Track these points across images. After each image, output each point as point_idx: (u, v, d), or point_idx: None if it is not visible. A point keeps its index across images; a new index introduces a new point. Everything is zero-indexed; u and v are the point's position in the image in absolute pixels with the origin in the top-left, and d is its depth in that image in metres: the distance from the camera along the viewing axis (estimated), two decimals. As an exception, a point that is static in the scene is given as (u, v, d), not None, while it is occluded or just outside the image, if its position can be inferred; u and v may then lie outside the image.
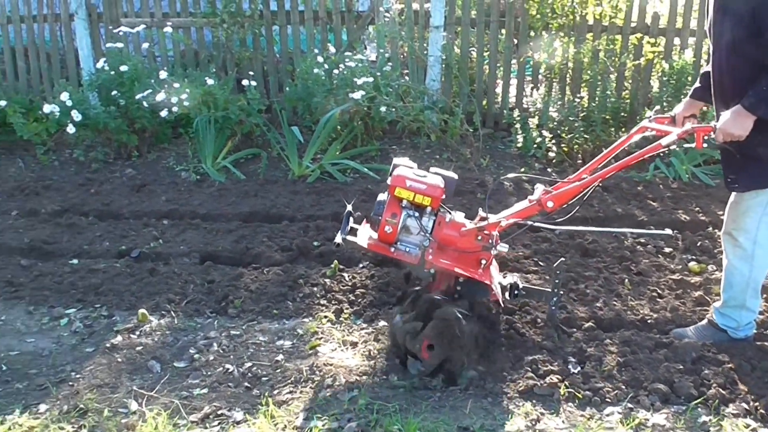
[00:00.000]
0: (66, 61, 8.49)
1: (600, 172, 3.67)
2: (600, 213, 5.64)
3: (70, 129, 6.95)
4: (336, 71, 6.95)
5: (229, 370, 3.71)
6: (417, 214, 3.70)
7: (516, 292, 3.91)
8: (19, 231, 5.69)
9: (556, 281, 3.84)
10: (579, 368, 3.63)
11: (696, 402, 3.36)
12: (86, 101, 7.16)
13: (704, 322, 3.96)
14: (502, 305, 3.91)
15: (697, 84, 3.88)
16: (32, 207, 6.19)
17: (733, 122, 3.36)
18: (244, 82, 7.23)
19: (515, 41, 7.56)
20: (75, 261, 5.10)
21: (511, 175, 4.25)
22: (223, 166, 6.93)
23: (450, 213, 3.84)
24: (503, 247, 3.75)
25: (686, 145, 3.70)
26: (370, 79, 6.62)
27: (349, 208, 3.95)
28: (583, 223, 5.45)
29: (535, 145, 6.89)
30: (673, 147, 3.52)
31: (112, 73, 7.22)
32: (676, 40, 7.25)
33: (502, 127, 7.52)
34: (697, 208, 5.74)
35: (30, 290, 4.65)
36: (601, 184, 4.12)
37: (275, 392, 3.50)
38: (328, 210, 5.75)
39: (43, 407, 3.45)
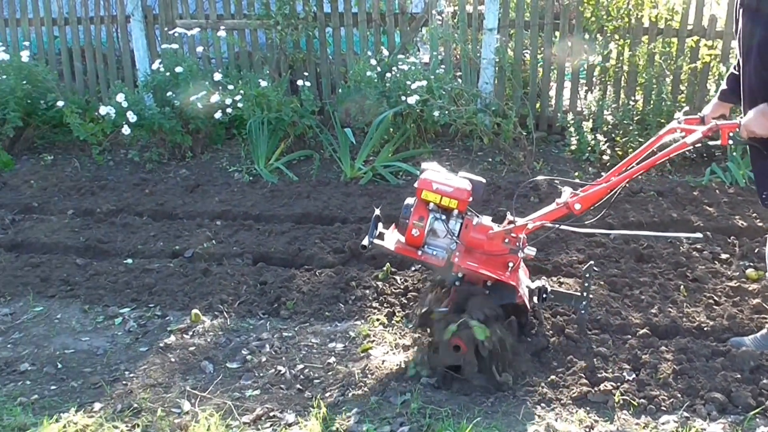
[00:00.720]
0: (122, 62, 8.67)
1: (627, 172, 3.65)
2: (655, 218, 5.53)
3: (126, 130, 7.08)
4: (389, 74, 6.96)
5: (281, 372, 3.74)
6: (444, 217, 3.73)
7: (544, 295, 3.91)
8: (75, 230, 5.83)
9: (585, 285, 3.83)
10: (634, 375, 3.58)
11: (754, 412, 3.28)
12: (141, 102, 7.28)
13: (763, 331, 3.88)
14: (530, 309, 3.88)
15: (724, 86, 3.85)
16: (88, 206, 6.33)
17: (756, 120, 3.35)
18: (298, 83, 7.29)
19: (569, 44, 7.48)
20: (129, 261, 5.20)
21: (539, 178, 4.27)
22: (275, 167, 6.99)
23: (477, 216, 3.84)
24: (531, 251, 3.75)
25: (711, 143, 3.67)
26: (424, 83, 6.61)
27: (377, 212, 3.99)
28: (639, 227, 5.38)
29: (589, 149, 6.80)
30: (710, 145, 3.50)
31: (167, 74, 7.35)
32: (734, 43, 7.08)
33: (555, 130, 7.45)
34: (755, 214, 5.60)
35: (85, 289, 4.76)
36: (655, 190, 4.06)
37: (327, 395, 3.52)
38: (381, 212, 5.74)
39: (97, 406, 3.52)
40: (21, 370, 3.88)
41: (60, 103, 7.45)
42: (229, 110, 6.96)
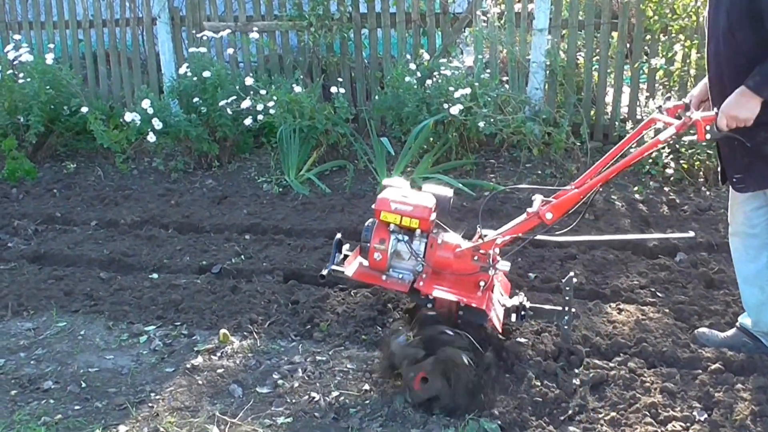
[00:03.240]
0: (147, 66, 8.81)
1: (600, 175, 3.65)
2: (726, 239, 5.46)
3: (151, 137, 7.18)
4: (429, 80, 6.98)
5: (315, 399, 3.75)
6: (407, 238, 3.76)
7: (523, 313, 3.91)
8: (99, 242, 5.93)
9: (566, 298, 3.80)
10: (705, 415, 3.50)
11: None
12: (167, 108, 7.38)
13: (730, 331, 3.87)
14: (500, 330, 3.85)
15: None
16: (111, 217, 6.43)
17: (736, 104, 3.30)
18: (332, 89, 7.34)
19: (628, 45, 7.43)
20: (155, 275, 5.27)
21: (512, 187, 4.30)
22: (307, 178, 7.04)
23: (445, 232, 3.86)
24: (504, 266, 3.78)
25: (687, 138, 3.63)
26: (467, 91, 6.61)
27: (339, 236, 4.05)
28: (708, 250, 5.31)
29: (650, 161, 6.73)
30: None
31: (195, 79, 7.44)
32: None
33: (612, 140, 7.35)
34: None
35: (109, 305, 4.83)
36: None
37: (364, 425, 3.52)
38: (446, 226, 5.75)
39: (122, 429, 3.57)
40: (44, 388, 3.95)
41: (84, 109, 7.59)
42: (260, 117, 7.02)
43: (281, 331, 4.43)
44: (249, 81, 7.30)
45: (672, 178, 6.60)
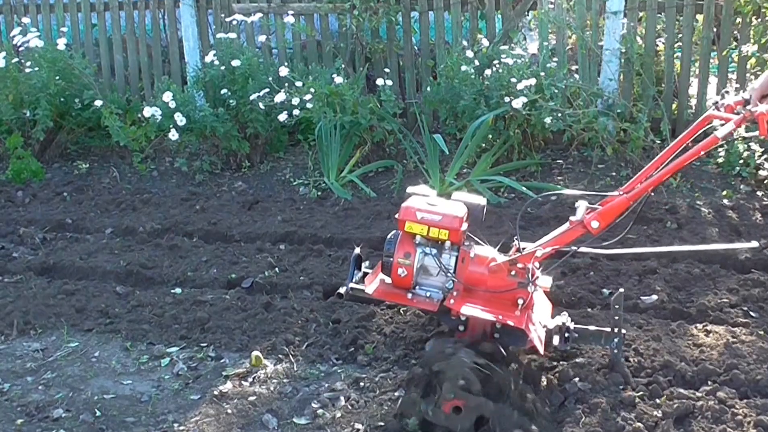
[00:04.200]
0: (169, 54, 8.90)
1: (651, 179, 3.66)
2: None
3: (173, 135, 7.24)
4: (489, 70, 6.96)
5: (359, 431, 3.75)
6: (435, 251, 3.77)
7: (567, 335, 3.90)
8: (115, 252, 5.99)
9: (616, 317, 3.79)
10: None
11: None
12: (191, 102, 7.43)
13: None
14: (542, 353, 3.84)
15: None
16: (129, 225, 6.50)
17: None
18: (378, 80, 7.35)
19: (715, 29, 7.34)
20: (178, 290, 5.32)
21: (551, 193, 4.29)
22: (349, 180, 7.06)
23: (477, 245, 3.89)
24: (545, 282, 3.81)
25: (748, 134, 3.58)
26: (532, 82, 6.57)
27: (357, 251, 4.09)
28: None
29: (741, 161, 6.65)
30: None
31: (222, 68, 7.50)
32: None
33: (697, 137, 7.29)
34: None
35: (127, 323, 4.89)
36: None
37: (414, 461, 3.52)
38: (478, 238, 5.73)
39: (142, 463, 3.61)
40: (54, 416, 4.00)
41: (98, 103, 7.65)
42: (296, 112, 7.04)
43: (321, 354, 4.44)
44: (284, 71, 7.34)
45: (766, 181, 6.50)
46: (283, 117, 7.16)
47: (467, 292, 3.78)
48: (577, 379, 3.95)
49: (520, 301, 3.71)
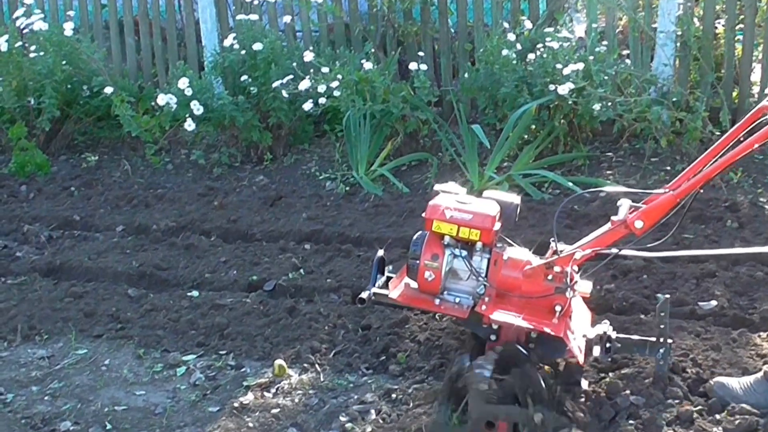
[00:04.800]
0: (184, 37, 8.93)
1: (700, 174, 3.62)
2: None
3: (189, 125, 7.27)
4: (532, 55, 6.93)
5: (392, 448, 3.75)
6: (465, 252, 3.75)
7: (608, 345, 3.87)
8: (126, 252, 6.03)
9: (662, 326, 3.77)
10: None
11: None
12: (209, 89, 7.47)
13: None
14: (583, 364, 3.82)
15: None
16: (142, 222, 6.54)
17: None
18: (411, 65, 7.32)
19: (781, 9, 7.29)
20: (195, 293, 5.34)
21: (591, 190, 4.26)
22: (380, 174, 7.06)
23: (511, 247, 3.88)
24: (584, 287, 3.79)
25: None
26: (579, 66, 6.54)
27: (381, 253, 4.06)
28: None
29: (810, 153, 6.60)
30: None
31: (243, 52, 7.51)
32: None
33: (752, 129, 7.22)
34: None
35: (140, 328, 4.91)
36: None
37: (452, 481, 3.50)
38: (521, 237, 5.69)
39: (157, 481, 3.62)
40: (61, 429, 4.01)
41: (108, 90, 7.69)
42: (322, 100, 7.04)
43: (349, 363, 4.43)
44: (309, 56, 7.34)
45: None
46: (308, 106, 7.18)
47: (500, 298, 3.76)
48: (628, 392, 3.92)
49: (558, 308, 3.66)
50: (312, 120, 7.88)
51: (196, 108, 7.21)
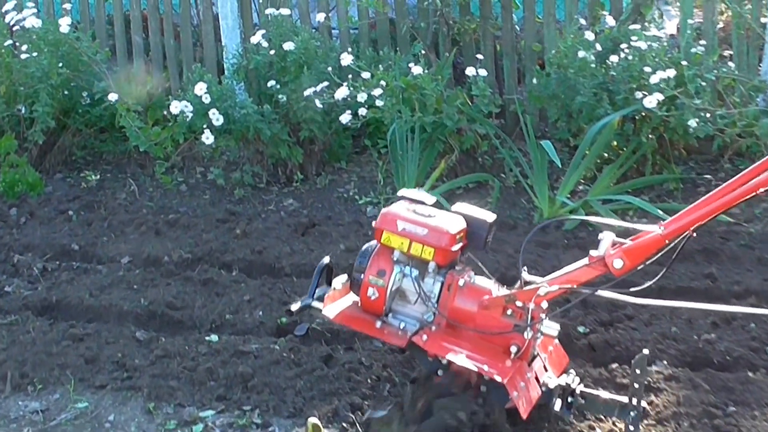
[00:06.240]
0: (201, 35, 9.01)
1: (697, 212, 3.64)
2: None
3: (207, 138, 7.31)
4: (614, 57, 6.94)
5: None
6: (416, 272, 3.82)
7: (570, 400, 3.90)
8: (134, 288, 6.05)
9: (635, 385, 3.79)
10: None
11: None
12: (230, 96, 7.48)
13: None
14: (525, 416, 3.77)
15: None
16: (151, 253, 6.58)
17: None
18: (469, 69, 7.35)
19: None
20: (214, 337, 5.36)
21: (571, 218, 4.29)
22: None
23: (473, 272, 3.94)
24: (549, 328, 3.76)
25: None
26: (671, 73, 6.52)
27: (326, 260, 4.19)
28: None
29: None
30: None
31: (271, 53, 7.56)
32: None
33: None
34: None
35: (149, 378, 4.91)
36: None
37: None
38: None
39: None
40: (58, 497, 4.06)
41: (112, 97, 7.73)
42: (362, 111, 7.07)
43: (397, 423, 4.43)
44: (347, 59, 7.36)
45: None
46: (346, 117, 7.21)
47: (450, 329, 3.83)
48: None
49: (514, 349, 3.73)
50: (350, 134, 7.93)
51: (215, 118, 7.25)
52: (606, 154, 6.96)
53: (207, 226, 7.07)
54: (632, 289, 3.87)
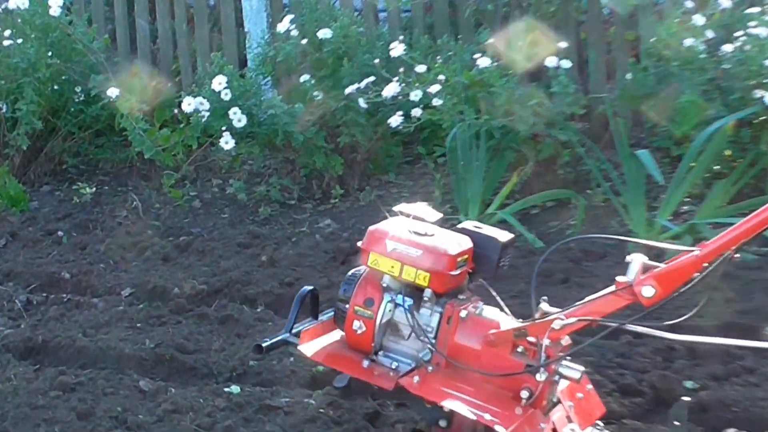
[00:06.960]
0: (219, 20, 9.02)
1: (734, 233, 3.57)
2: None
3: (226, 142, 7.29)
4: (728, 47, 6.86)
5: None
6: (410, 302, 3.81)
7: None
8: (137, 326, 6.02)
9: None
10: None
11: None
12: (254, 92, 7.50)
13: None
14: None
15: None
16: (158, 283, 6.55)
17: None
18: (547, 61, 7.28)
19: None
20: (235, 388, 5.30)
21: (587, 237, 4.25)
22: (500, 219, 7.02)
23: (481, 302, 3.94)
24: (571, 371, 3.72)
25: None
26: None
27: (309, 288, 4.21)
28: None
29: None
30: None
31: (304, 41, 7.54)
32: None
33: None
34: None
35: (157, 438, 4.89)
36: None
37: None
38: (725, 317, 5.63)
39: None
40: None
41: (112, 92, 7.75)
42: (416, 112, 7.03)
43: (459, 498, 4.37)
44: (398, 48, 7.34)
45: None
46: (395, 120, 7.19)
47: (450, 369, 3.80)
48: None
49: (525, 394, 3.67)
50: (401, 140, 7.93)
51: (237, 119, 7.26)
52: (717, 167, 6.86)
53: (225, 252, 7.05)
54: (668, 323, 3.84)
